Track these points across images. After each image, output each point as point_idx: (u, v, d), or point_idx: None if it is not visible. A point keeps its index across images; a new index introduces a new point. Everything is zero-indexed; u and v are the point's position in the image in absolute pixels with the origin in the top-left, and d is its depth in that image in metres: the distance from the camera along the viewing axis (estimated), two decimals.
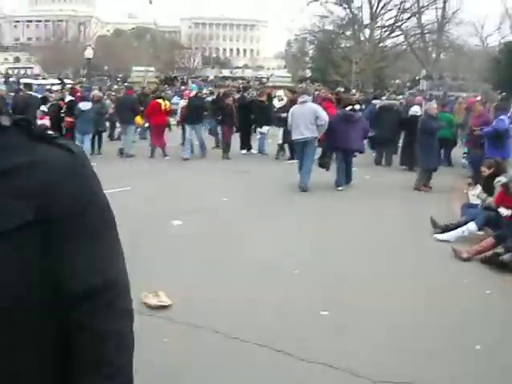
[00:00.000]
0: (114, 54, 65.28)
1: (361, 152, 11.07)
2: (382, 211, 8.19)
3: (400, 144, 13.23)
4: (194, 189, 9.63)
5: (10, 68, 78.08)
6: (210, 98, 16.99)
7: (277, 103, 13.59)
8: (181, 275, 5.06)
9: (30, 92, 15.55)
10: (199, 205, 8.23)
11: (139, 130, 16.85)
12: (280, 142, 13.45)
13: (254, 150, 14.76)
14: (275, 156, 13.67)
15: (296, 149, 10.60)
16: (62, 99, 14.27)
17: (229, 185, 10.11)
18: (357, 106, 12.33)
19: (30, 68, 76.10)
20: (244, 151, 14.70)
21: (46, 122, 13.70)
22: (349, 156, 10.35)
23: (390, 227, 7.19)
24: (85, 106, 13.26)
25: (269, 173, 11.68)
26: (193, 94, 13.58)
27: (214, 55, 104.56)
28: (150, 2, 60.04)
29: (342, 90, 32.75)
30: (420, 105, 13.85)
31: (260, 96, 15.22)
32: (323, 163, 10.65)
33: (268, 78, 52.17)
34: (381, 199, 9.08)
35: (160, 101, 13.54)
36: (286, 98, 13.54)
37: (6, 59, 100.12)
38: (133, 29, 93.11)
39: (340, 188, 10.04)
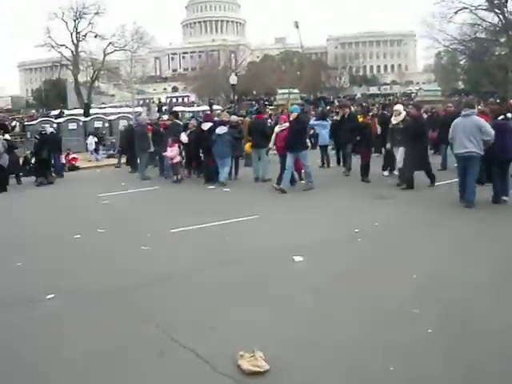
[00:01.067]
0: (262, 79, 67.29)
1: None
2: None
3: None
4: (324, 218, 8.90)
5: (168, 97, 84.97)
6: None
7: (393, 119, 12.34)
8: (289, 330, 4.32)
9: (177, 120, 16.09)
10: (327, 237, 7.49)
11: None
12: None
13: (396, 172, 13.69)
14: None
15: (458, 164, 9.81)
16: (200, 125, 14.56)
17: (364, 213, 9.17)
18: (509, 115, 10.96)
19: (187, 96, 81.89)
20: (386, 173, 13.68)
21: (175, 149, 14.15)
22: (507, 166, 9.72)
23: None
24: (221, 130, 13.37)
25: (414, 197, 10.49)
26: (293, 116, 12.07)
27: (361, 73, 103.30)
28: (297, 26, 60.87)
29: (497, 100, 30.05)
30: None
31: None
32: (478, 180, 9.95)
33: (417, 93, 49.86)
34: None
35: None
36: (403, 113, 12.16)
37: (164, 89, 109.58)
38: (280, 53, 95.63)
39: (505, 198, 9.41)
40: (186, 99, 78.78)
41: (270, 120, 20.38)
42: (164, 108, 40.87)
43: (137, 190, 13.09)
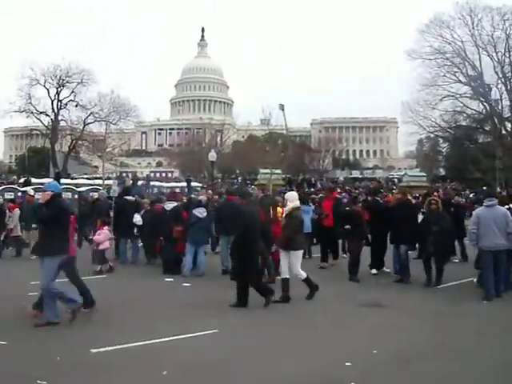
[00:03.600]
0: (246, 158, 66.81)
1: None
2: None
3: None
4: (299, 339, 6.58)
5: (152, 171, 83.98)
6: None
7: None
8: None
9: (128, 197, 13.99)
10: (303, 376, 5.18)
11: None
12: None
13: (386, 268, 11.81)
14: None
15: (484, 258, 9.16)
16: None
17: (355, 331, 7.01)
18: None
19: (171, 172, 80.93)
20: (374, 270, 11.78)
21: (103, 233, 11.99)
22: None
23: None
24: (200, 212, 11.59)
25: (419, 302, 8.63)
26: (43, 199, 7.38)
27: (344, 157, 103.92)
28: (282, 109, 61.57)
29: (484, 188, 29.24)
30: None
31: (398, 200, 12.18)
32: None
33: (400, 179, 49.14)
34: None
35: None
36: (292, 204, 9.15)
37: (149, 163, 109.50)
38: (265, 134, 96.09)
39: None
40: (169, 174, 77.95)
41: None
42: (140, 182, 38.98)
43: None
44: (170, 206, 12.06)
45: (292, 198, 9.25)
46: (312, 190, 36.80)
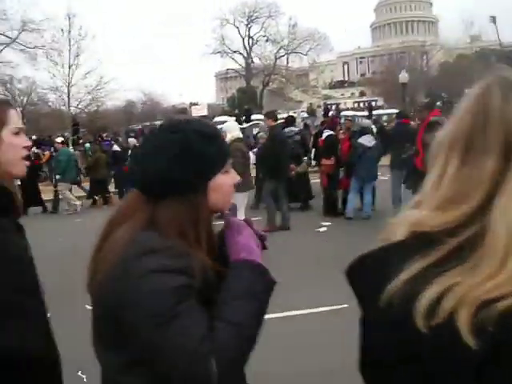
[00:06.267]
0: (453, 80, 61.47)
1: None
2: None
3: None
4: None
5: (355, 102, 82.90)
6: None
7: None
8: None
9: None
10: None
11: None
12: None
13: None
14: None
15: None
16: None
17: None
18: None
19: (374, 101, 78.61)
20: None
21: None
22: None
23: None
24: (368, 140, 10.28)
25: None
26: None
27: None
28: (494, 22, 54.46)
29: None
30: None
31: None
32: None
33: None
34: None
35: None
36: (229, 135, 7.89)
37: (352, 94, 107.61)
38: (476, 52, 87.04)
39: None
40: (373, 103, 75.88)
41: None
42: (331, 113, 38.18)
43: None
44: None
45: (231, 129, 8.19)
46: None
